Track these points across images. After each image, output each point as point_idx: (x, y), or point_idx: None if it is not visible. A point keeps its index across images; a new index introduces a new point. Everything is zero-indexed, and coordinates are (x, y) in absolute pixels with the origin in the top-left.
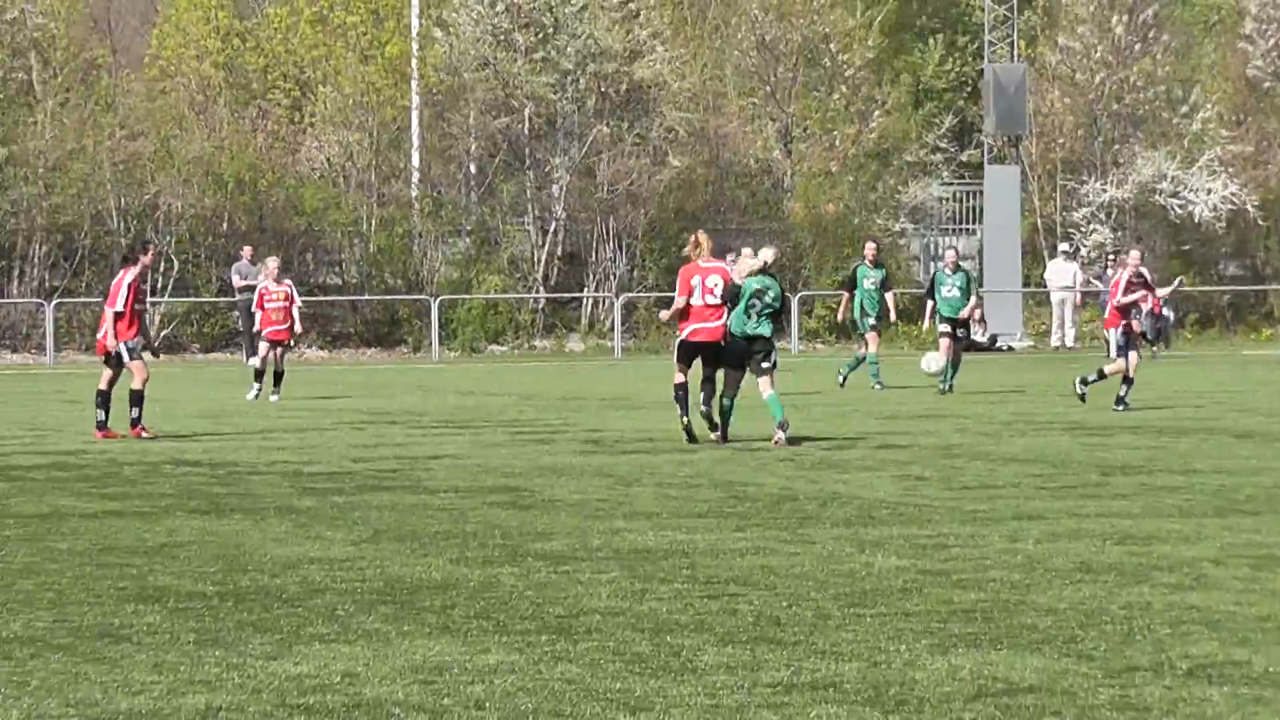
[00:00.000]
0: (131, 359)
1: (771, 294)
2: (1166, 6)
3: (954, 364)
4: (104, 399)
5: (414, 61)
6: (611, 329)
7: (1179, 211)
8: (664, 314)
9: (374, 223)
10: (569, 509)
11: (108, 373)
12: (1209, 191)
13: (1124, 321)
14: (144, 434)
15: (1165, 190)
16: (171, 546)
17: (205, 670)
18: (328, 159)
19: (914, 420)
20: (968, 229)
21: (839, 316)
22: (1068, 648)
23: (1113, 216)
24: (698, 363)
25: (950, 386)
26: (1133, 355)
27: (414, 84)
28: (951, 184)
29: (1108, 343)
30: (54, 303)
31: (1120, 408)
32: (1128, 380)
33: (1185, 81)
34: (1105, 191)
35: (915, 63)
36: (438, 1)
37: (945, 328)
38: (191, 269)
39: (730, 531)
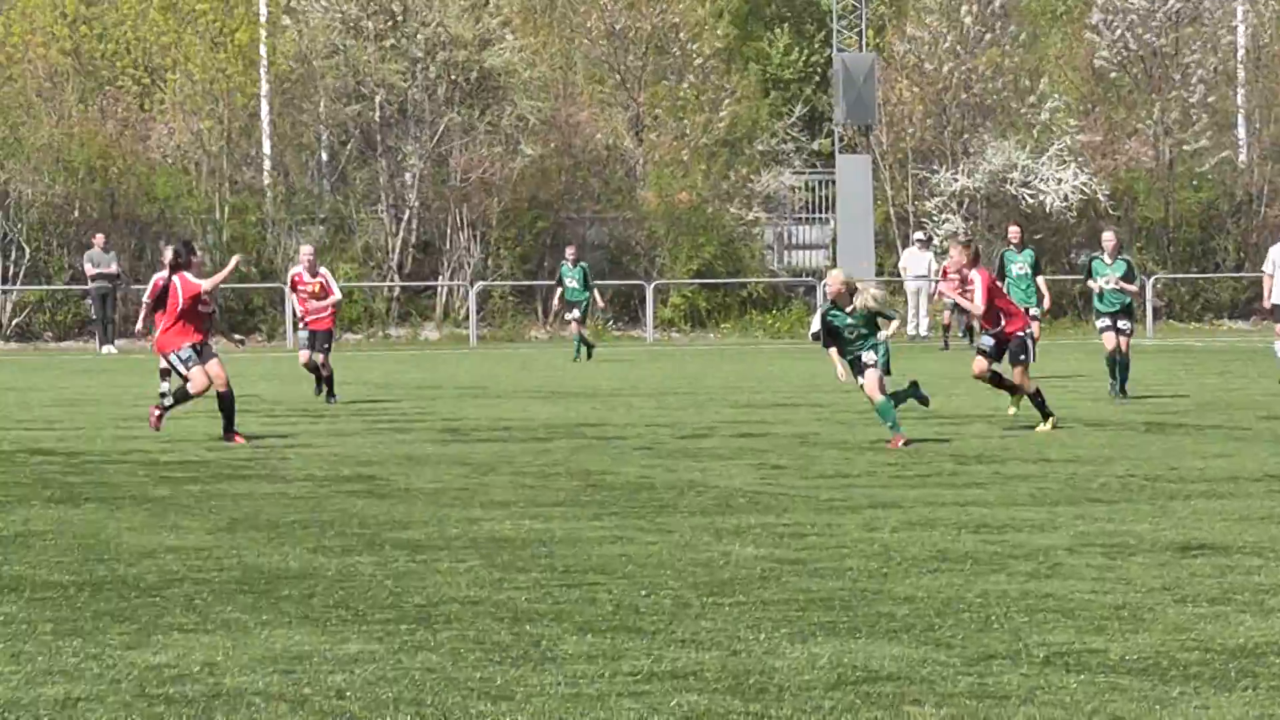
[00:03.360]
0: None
1: None
2: None
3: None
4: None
5: (262, 48)
6: (466, 318)
7: (1030, 201)
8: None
9: (227, 210)
10: (426, 498)
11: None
12: (1059, 181)
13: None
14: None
15: (1016, 180)
16: (27, 536)
17: (63, 660)
18: (179, 145)
19: (770, 409)
20: (821, 218)
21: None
22: (925, 636)
23: (964, 205)
24: None
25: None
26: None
27: (263, 71)
28: (804, 173)
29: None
30: None
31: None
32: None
33: (1033, 71)
34: (956, 181)
35: (764, 51)
36: None
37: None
38: (43, 257)
39: (588, 520)
